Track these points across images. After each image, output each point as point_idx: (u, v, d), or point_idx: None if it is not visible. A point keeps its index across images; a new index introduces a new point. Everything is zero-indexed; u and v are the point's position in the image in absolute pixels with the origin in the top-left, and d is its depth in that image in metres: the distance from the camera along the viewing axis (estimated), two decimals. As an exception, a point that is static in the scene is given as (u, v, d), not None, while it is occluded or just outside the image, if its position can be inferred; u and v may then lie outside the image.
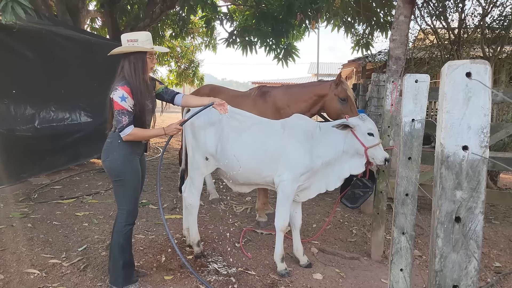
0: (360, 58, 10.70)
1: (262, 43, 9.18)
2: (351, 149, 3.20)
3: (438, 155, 1.11)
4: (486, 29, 6.28)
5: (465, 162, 1.08)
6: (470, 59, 1.07)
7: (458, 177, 1.09)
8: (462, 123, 1.07)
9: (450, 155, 1.09)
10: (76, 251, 3.50)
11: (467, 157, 1.07)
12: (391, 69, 5.61)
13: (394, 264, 2.16)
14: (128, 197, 2.79)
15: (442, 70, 1.12)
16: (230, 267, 3.36)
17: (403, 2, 5.48)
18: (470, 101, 1.06)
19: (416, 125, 2.05)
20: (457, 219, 1.10)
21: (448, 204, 1.10)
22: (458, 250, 1.10)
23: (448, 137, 1.08)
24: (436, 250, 1.12)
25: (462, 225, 1.09)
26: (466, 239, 1.09)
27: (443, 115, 1.09)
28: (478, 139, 1.07)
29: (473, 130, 1.07)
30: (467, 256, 1.10)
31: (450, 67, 1.07)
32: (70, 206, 4.71)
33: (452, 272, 1.11)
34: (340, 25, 7.25)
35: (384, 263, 3.63)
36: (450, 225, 1.10)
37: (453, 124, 1.08)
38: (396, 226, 2.14)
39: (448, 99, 1.08)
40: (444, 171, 1.09)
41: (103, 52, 7.07)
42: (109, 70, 7.10)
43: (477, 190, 1.08)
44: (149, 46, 2.70)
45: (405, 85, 2.05)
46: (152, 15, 8.32)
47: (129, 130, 2.64)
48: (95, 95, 6.68)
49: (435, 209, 1.13)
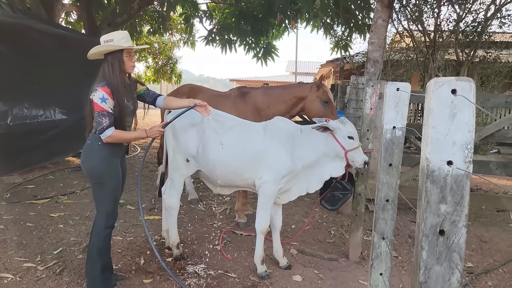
0: (338, 59, 10.82)
1: (242, 42, 9.15)
2: (332, 152, 3.23)
3: (424, 169, 1.14)
4: (460, 34, 6.45)
5: (450, 177, 1.10)
6: (455, 77, 1.10)
7: (443, 191, 1.11)
8: (447, 138, 1.10)
9: (435, 170, 1.11)
10: (52, 254, 3.42)
11: (451, 171, 1.10)
12: (369, 72, 5.70)
13: (374, 268, 2.21)
14: (108, 199, 2.74)
15: (428, 86, 1.14)
16: (210, 270, 3.35)
17: (381, 6, 5.58)
18: (455, 118, 1.09)
19: (397, 132, 2.09)
20: (441, 232, 1.12)
21: (433, 218, 1.13)
22: (442, 262, 1.13)
23: (434, 152, 1.11)
24: (420, 262, 1.14)
25: (446, 238, 1.12)
26: (449, 251, 1.12)
27: (429, 130, 1.11)
28: (462, 154, 1.09)
29: (458, 146, 1.09)
30: (450, 268, 1.13)
31: (436, 83, 1.09)
32: (45, 207, 4.59)
33: (436, 283, 1.14)
34: (319, 26, 7.31)
35: (362, 264, 3.69)
36: (434, 238, 1.13)
37: (439, 140, 1.10)
38: (377, 231, 2.18)
39: (434, 114, 1.10)
40: (429, 185, 1.12)
41: (79, 48, 6.90)
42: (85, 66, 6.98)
43: (461, 204, 1.11)
44: (126, 44, 2.65)
45: (387, 93, 2.09)
46: (130, 10, 8.17)
47: (110, 132, 2.60)
48: (71, 91, 6.52)
49: (420, 222, 1.15)
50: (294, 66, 29.06)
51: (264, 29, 8.82)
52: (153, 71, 16.11)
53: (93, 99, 2.59)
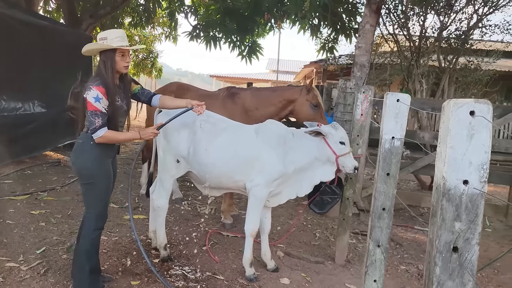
0: (322, 60, 10.88)
1: (227, 39, 9.10)
2: (323, 157, 3.26)
3: (440, 187, 1.16)
4: (444, 41, 6.60)
5: (465, 196, 1.13)
6: (473, 99, 1.12)
7: (458, 209, 1.14)
8: (464, 158, 1.12)
9: (452, 188, 1.14)
10: (35, 253, 3.32)
11: (467, 191, 1.13)
12: (355, 76, 5.77)
13: (369, 275, 2.24)
14: (98, 200, 2.69)
15: (446, 106, 1.16)
16: (198, 272, 3.33)
17: (369, 11, 5.64)
18: (473, 138, 1.11)
19: (395, 142, 2.13)
20: (455, 249, 1.15)
21: (447, 235, 1.15)
22: (454, 278, 1.16)
23: (451, 171, 1.13)
24: (433, 277, 1.17)
25: (459, 254, 1.15)
26: (462, 268, 1.15)
27: (447, 150, 1.13)
28: (478, 174, 1.12)
29: (474, 166, 1.12)
30: (462, 284, 1.16)
31: (456, 105, 1.12)
32: (24, 203, 4.46)
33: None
34: (306, 27, 7.34)
35: (348, 267, 3.74)
36: (448, 255, 1.16)
37: (456, 159, 1.13)
38: (372, 239, 2.21)
39: (452, 135, 1.12)
40: (445, 203, 1.15)
41: (59, 39, 6.76)
42: (65, 58, 6.84)
43: (474, 222, 1.14)
44: (118, 44, 2.59)
45: (387, 103, 2.12)
46: (113, 2, 8.00)
47: (102, 132, 2.54)
48: (50, 84, 6.35)
49: (434, 238, 1.18)
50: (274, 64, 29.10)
51: (250, 27, 8.79)
52: (133, 64, 15.84)
53: (86, 98, 2.53)
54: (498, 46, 7.36)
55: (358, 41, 5.74)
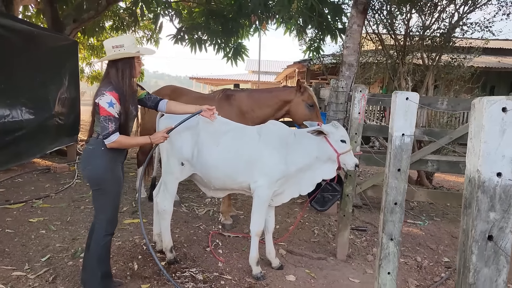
0: (305, 60, 11.01)
1: (212, 42, 9.11)
2: (324, 155, 3.33)
3: (475, 180, 1.24)
4: (427, 39, 6.80)
5: (499, 187, 1.21)
6: (505, 96, 1.20)
7: (492, 200, 1.22)
8: (497, 152, 1.20)
9: (486, 181, 1.22)
10: (40, 261, 3.29)
11: (500, 182, 1.21)
12: (344, 75, 5.88)
13: (383, 268, 2.32)
14: (108, 206, 2.69)
15: (477, 104, 1.24)
16: (205, 272, 3.36)
17: (356, 12, 5.76)
18: (505, 133, 1.20)
19: (405, 139, 2.21)
20: (490, 238, 1.23)
21: (483, 224, 1.23)
22: (490, 265, 1.24)
23: (485, 164, 1.21)
24: (470, 265, 1.25)
25: (494, 243, 1.23)
26: (497, 255, 1.23)
27: (481, 145, 1.21)
28: (511, 167, 1.20)
29: (507, 159, 1.20)
30: (497, 271, 1.24)
31: (488, 102, 1.20)
32: (21, 212, 4.39)
33: (484, 285, 1.25)
34: (292, 29, 7.42)
35: (349, 262, 3.83)
36: (483, 243, 1.24)
37: (489, 153, 1.21)
38: (385, 232, 2.29)
39: (486, 130, 1.20)
40: (480, 195, 1.22)
41: (46, 44, 6.65)
42: (52, 63, 6.74)
43: (508, 212, 1.22)
44: (135, 50, 2.62)
45: (396, 102, 2.20)
46: (97, 6, 7.90)
47: (115, 138, 2.55)
48: (38, 90, 6.26)
49: (470, 229, 1.26)
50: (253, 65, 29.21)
51: (234, 29, 8.82)
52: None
53: (99, 103, 2.52)
54: (478, 43, 7.64)
55: (346, 41, 5.85)
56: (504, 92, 12.13)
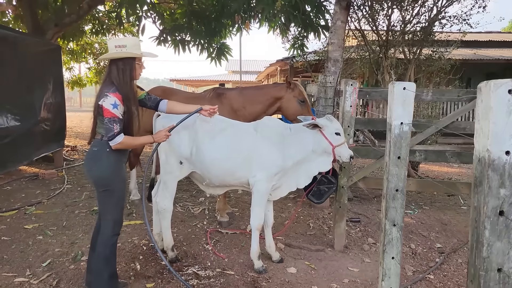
0: (288, 58, 11.10)
1: (195, 42, 9.10)
2: (320, 148, 3.40)
3: (485, 159, 1.32)
4: (408, 34, 6.97)
5: (508, 165, 1.29)
6: (510, 79, 1.28)
7: (502, 177, 1.30)
8: (505, 132, 1.28)
9: (496, 159, 1.29)
10: (41, 266, 3.26)
11: (509, 160, 1.29)
12: (330, 70, 5.97)
13: (387, 253, 2.39)
14: (115, 206, 2.70)
15: (483, 87, 1.32)
16: (207, 269, 3.39)
17: (339, 8, 5.86)
18: (511, 114, 1.28)
19: (404, 127, 2.29)
20: (501, 213, 1.31)
21: (494, 201, 1.31)
22: (502, 239, 1.32)
23: (494, 144, 1.29)
24: (483, 240, 1.33)
25: (505, 218, 1.31)
26: (508, 229, 1.31)
27: (489, 125, 1.29)
28: (518, 145, 1.29)
29: (514, 138, 1.28)
30: (509, 244, 1.32)
31: (495, 85, 1.28)
32: (14, 219, 4.33)
33: (497, 257, 1.33)
34: (275, 27, 7.49)
35: (347, 253, 3.91)
36: (495, 218, 1.31)
37: (497, 133, 1.29)
38: (388, 218, 2.37)
39: (494, 112, 1.28)
40: (491, 173, 1.30)
41: (30, 50, 6.54)
42: (35, 68, 6.63)
43: (517, 188, 1.30)
44: (137, 52, 2.63)
45: (394, 92, 2.28)
46: (79, 10, 7.81)
47: (120, 139, 2.56)
48: (23, 96, 6.16)
49: (482, 205, 1.33)
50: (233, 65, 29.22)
51: (218, 29, 8.84)
52: (94, 72, 15.41)
53: (103, 105, 2.53)
54: (457, 36, 7.86)
55: (330, 37, 5.95)
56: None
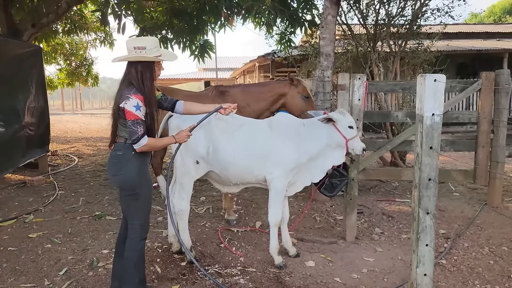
0: (269, 53, 11.13)
1: (177, 40, 8.99)
2: (333, 142, 3.44)
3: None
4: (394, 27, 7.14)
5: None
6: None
7: None
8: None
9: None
10: (58, 275, 3.17)
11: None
12: (322, 65, 6.03)
13: (421, 241, 2.47)
14: (141, 210, 2.66)
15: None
16: (228, 268, 3.39)
17: (330, 3, 5.93)
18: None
19: (435, 118, 2.36)
20: None
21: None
22: None
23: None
24: None
25: None
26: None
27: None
28: None
29: None
30: None
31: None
32: (15, 228, 4.18)
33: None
34: (262, 23, 7.50)
35: (359, 243, 3.99)
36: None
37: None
38: (421, 207, 2.44)
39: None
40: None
41: (9, 52, 6.28)
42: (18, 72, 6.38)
43: None
44: (157, 53, 2.58)
45: (425, 84, 2.33)
46: (57, 10, 7.55)
47: (145, 141, 2.51)
48: (5, 101, 5.93)
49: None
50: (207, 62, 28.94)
51: (200, 26, 8.76)
52: (66, 73, 14.94)
53: (125, 107, 2.46)
54: (439, 28, 8.11)
55: (322, 32, 6.01)
56: (452, 74, 12.83)
